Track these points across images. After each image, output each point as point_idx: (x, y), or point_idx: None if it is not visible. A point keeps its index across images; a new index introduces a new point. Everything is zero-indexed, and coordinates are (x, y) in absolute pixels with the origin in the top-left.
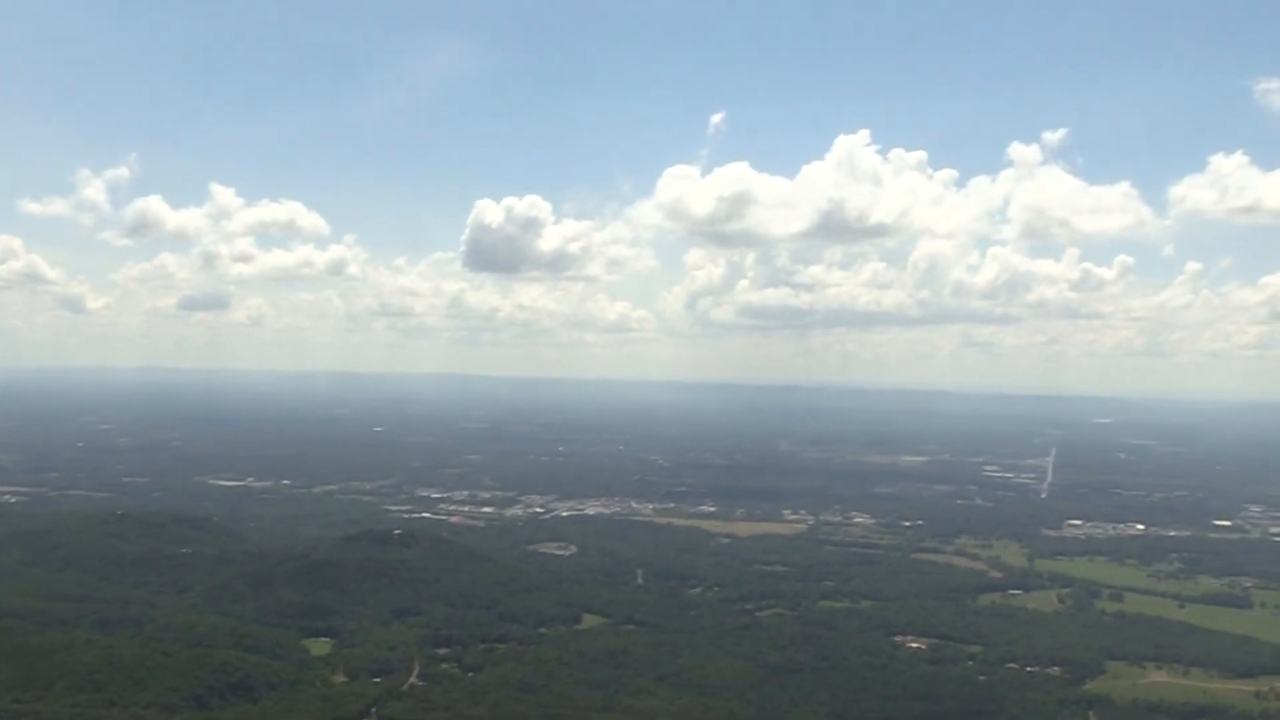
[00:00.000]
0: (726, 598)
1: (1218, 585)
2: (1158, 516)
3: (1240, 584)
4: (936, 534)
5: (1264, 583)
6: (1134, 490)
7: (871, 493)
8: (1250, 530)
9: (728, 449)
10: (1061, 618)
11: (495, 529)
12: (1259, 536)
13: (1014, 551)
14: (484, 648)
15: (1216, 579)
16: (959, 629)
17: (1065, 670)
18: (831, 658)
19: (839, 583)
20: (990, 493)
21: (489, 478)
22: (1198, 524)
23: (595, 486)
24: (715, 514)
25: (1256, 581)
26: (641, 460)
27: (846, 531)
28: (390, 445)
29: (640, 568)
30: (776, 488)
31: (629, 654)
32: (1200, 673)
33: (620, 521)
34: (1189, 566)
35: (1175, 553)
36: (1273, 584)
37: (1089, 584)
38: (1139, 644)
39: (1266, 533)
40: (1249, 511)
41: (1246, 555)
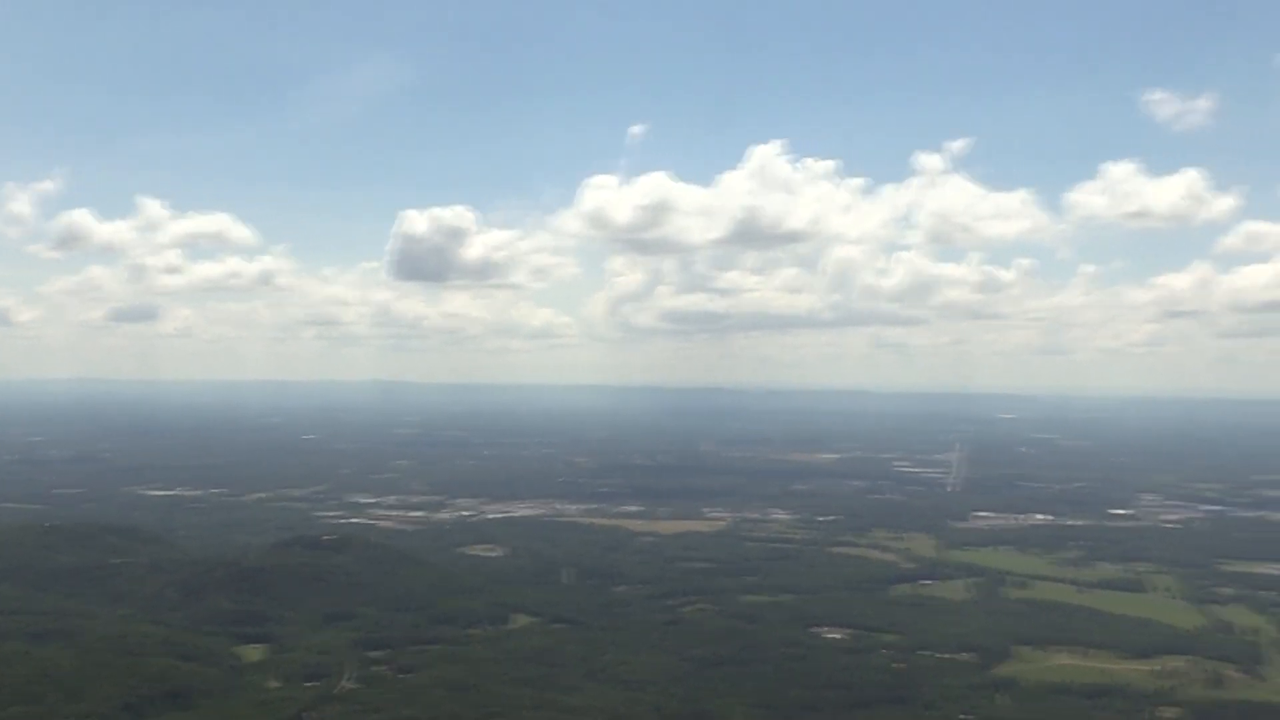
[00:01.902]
0: (651, 594)
1: (1116, 571)
2: (1059, 507)
3: (1136, 569)
4: (852, 528)
5: (1158, 567)
6: (1037, 482)
7: (789, 490)
8: (1144, 518)
9: (650, 450)
10: (971, 605)
11: (425, 532)
12: (1153, 524)
13: (925, 543)
14: (416, 649)
15: (1114, 565)
16: (874, 619)
17: (975, 655)
18: (754, 650)
19: (760, 577)
20: (902, 487)
21: (419, 482)
22: (1096, 513)
23: (523, 489)
24: (639, 513)
25: (1151, 566)
26: (567, 463)
27: (766, 527)
28: (321, 452)
29: (567, 567)
30: (698, 487)
31: (558, 652)
32: (1101, 654)
33: (547, 523)
34: (1089, 554)
35: (1076, 541)
36: (1166, 568)
37: (996, 572)
38: (1044, 628)
39: (1160, 520)
40: (1143, 500)
41: (1141, 542)
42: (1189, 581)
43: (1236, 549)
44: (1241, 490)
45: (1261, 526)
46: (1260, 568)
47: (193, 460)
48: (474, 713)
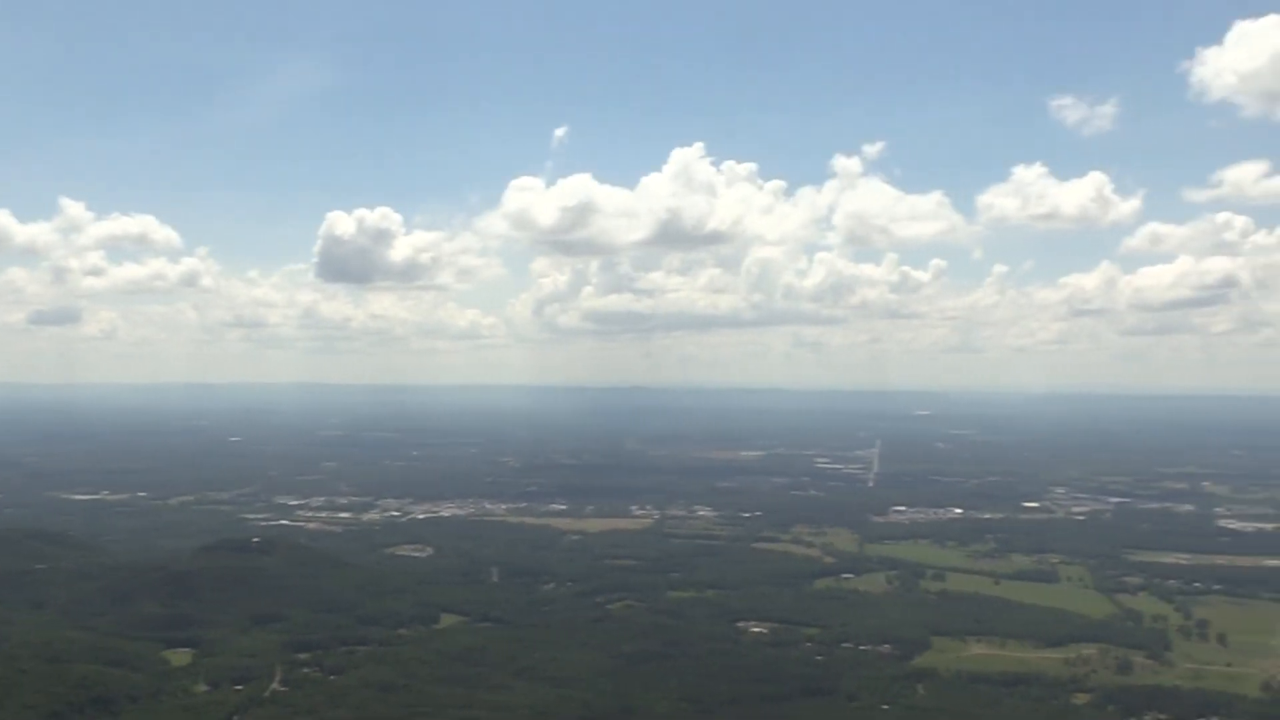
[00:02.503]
0: (579, 592)
1: (1028, 562)
2: (974, 501)
3: (1048, 560)
4: (774, 524)
5: (1068, 558)
6: (952, 477)
7: (713, 487)
8: (1055, 510)
9: (576, 449)
10: (890, 598)
11: (353, 534)
12: (1063, 516)
13: (845, 538)
14: (344, 651)
15: (1027, 556)
16: (797, 612)
17: (895, 647)
18: (680, 645)
19: (685, 573)
20: (823, 483)
21: (346, 484)
22: (1009, 506)
23: (450, 489)
24: (566, 512)
25: (1062, 557)
26: (494, 462)
27: (691, 524)
28: (247, 455)
29: (495, 566)
30: (624, 485)
31: (486, 650)
32: (1016, 644)
33: (475, 522)
34: (1002, 546)
35: (990, 534)
36: (1076, 559)
37: (914, 565)
38: (960, 619)
39: (1069, 512)
40: (1054, 493)
41: (1052, 534)
42: (1098, 571)
43: (1142, 539)
44: (1146, 483)
45: (1165, 517)
46: (1165, 557)
47: (117, 464)
48: (403, 713)
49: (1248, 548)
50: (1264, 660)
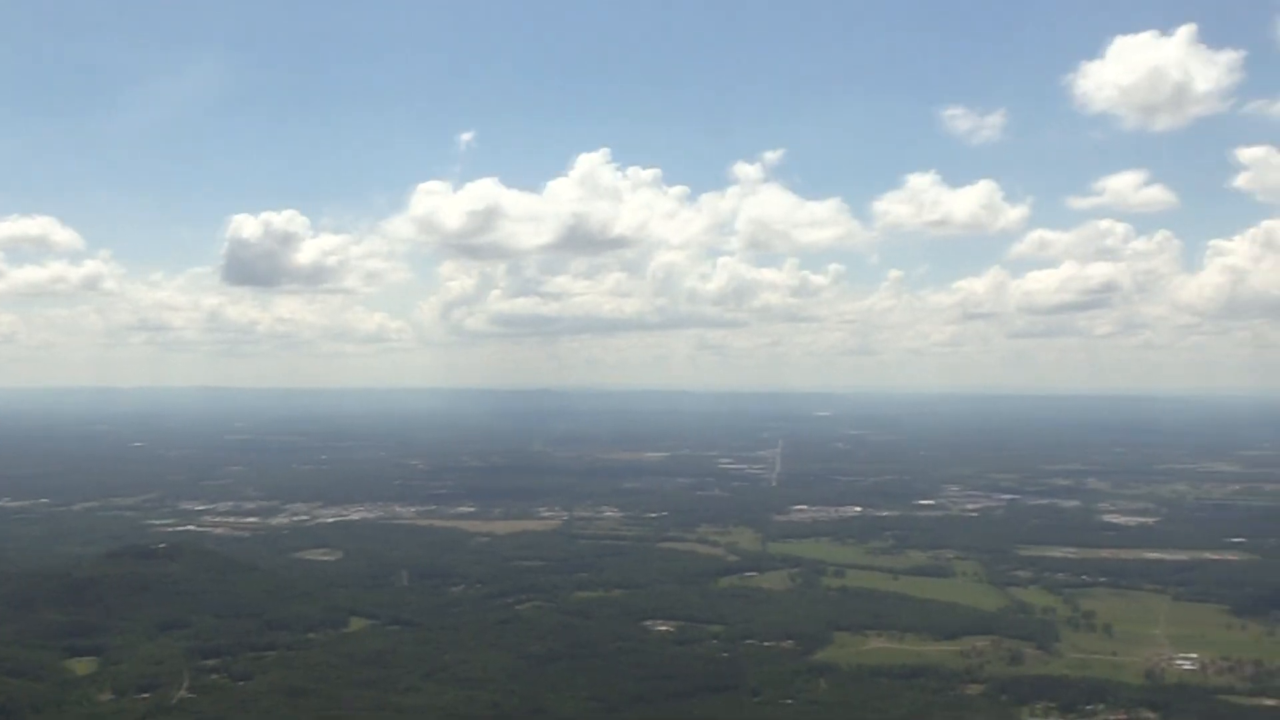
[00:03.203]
0: (487, 593)
1: (924, 558)
2: (872, 499)
3: (943, 556)
4: (679, 523)
5: (962, 554)
6: (851, 476)
7: (619, 488)
8: (949, 508)
9: (484, 451)
10: (792, 595)
11: (260, 538)
12: (956, 513)
13: (749, 536)
14: (252, 656)
15: (923, 552)
16: (702, 610)
17: (797, 642)
18: (588, 645)
19: (592, 573)
20: (726, 483)
21: (252, 488)
22: (905, 504)
23: (358, 492)
24: (474, 514)
25: (956, 553)
26: (402, 465)
27: (598, 525)
28: (151, 459)
29: (404, 569)
30: (531, 487)
31: (396, 653)
32: (913, 637)
33: (383, 525)
34: (899, 542)
35: (888, 531)
36: (969, 554)
37: (815, 563)
38: (860, 614)
39: (962, 509)
40: (947, 491)
41: (946, 530)
42: (989, 566)
43: (1031, 534)
44: (1034, 480)
45: (1052, 513)
46: (1053, 551)
47: (16, 469)
48: (312, 717)
49: (1130, 541)
50: (1146, 649)
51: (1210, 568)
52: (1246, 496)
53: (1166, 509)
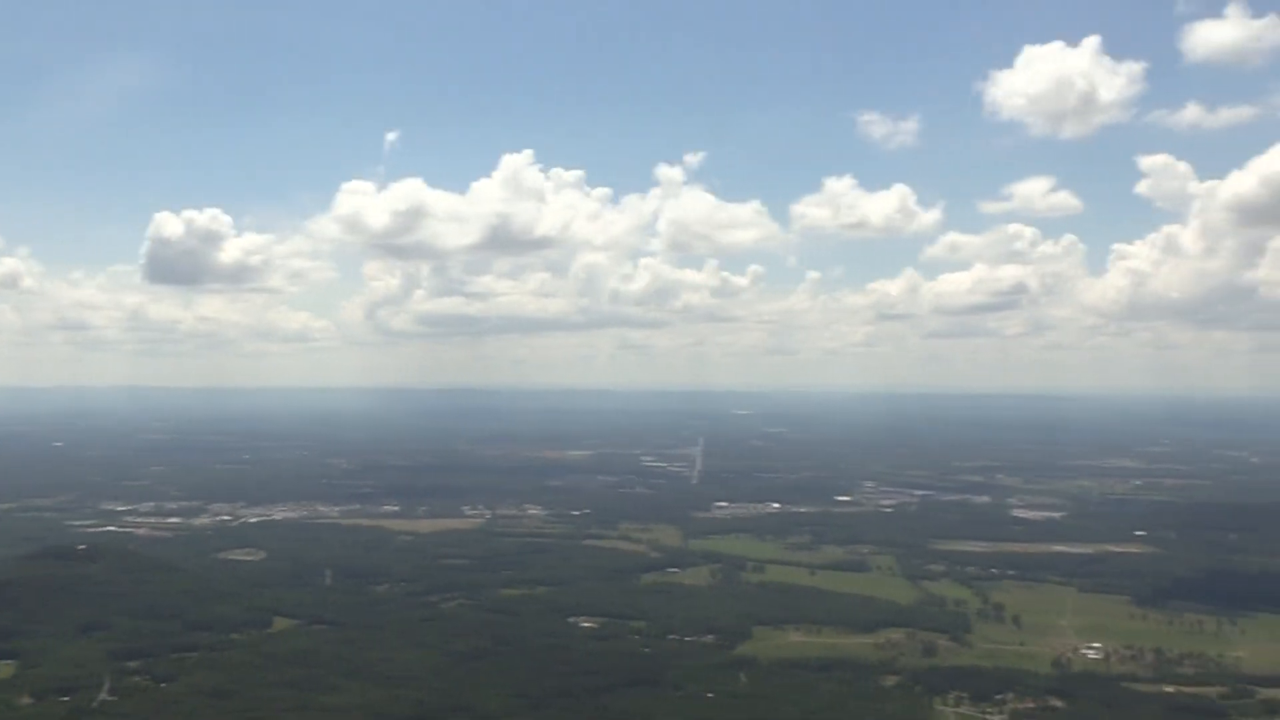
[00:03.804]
0: (412, 592)
1: (841, 553)
2: (790, 495)
3: (859, 550)
4: (602, 521)
5: (878, 548)
6: (770, 473)
7: (543, 486)
8: (865, 503)
9: (408, 450)
10: (713, 590)
11: (183, 539)
12: (872, 509)
13: (670, 533)
14: (175, 657)
15: (840, 547)
16: (625, 607)
17: (718, 637)
18: (512, 642)
19: (516, 571)
20: (648, 481)
21: (175, 488)
22: (823, 500)
23: (281, 492)
24: (398, 513)
25: (872, 548)
26: (326, 464)
27: (522, 523)
28: (71, 460)
29: (328, 568)
30: (455, 485)
31: (319, 653)
32: (831, 630)
33: (307, 525)
34: (817, 538)
35: (806, 527)
36: (885, 549)
37: (735, 559)
38: (779, 609)
39: (878, 505)
40: (863, 487)
41: (863, 525)
42: (904, 560)
43: (944, 529)
44: (946, 476)
45: (964, 508)
46: (964, 545)
47: None
48: (235, 718)
49: (1038, 535)
50: (1054, 639)
51: (1113, 560)
52: (1147, 492)
53: (1072, 504)
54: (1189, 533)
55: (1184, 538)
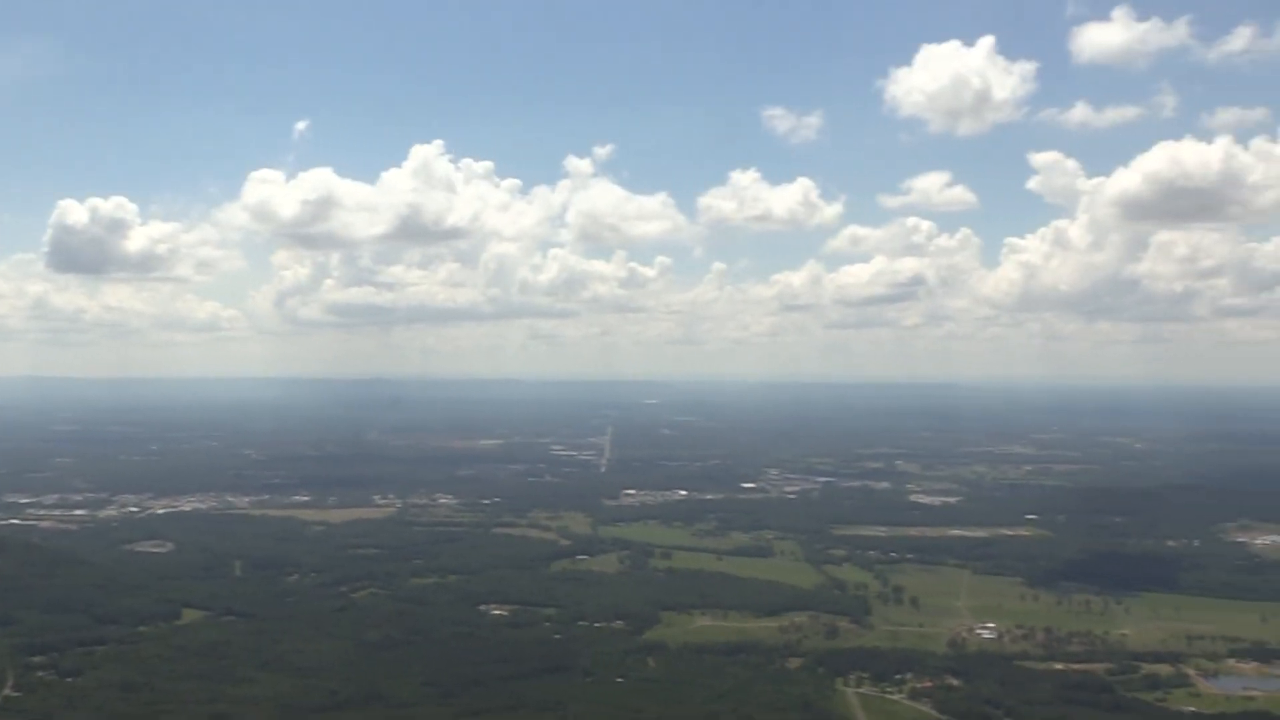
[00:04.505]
0: (323, 582)
1: (746, 539)
2: (697, 483)
3: (764, 536)
4: (513, 509)
5: (782, 534)
6: (677, 461)
7: (454, 475)
8: (770, 490)
9: (319, 440)
10: (622, 577)
11: (89, 531)
12: (777, 495)
13: (580, 521)
14: (82, 651)
15: (745, 533)
16: (536, 594)
17: (627, 623)
18: (424, 631)
19: (427, 560)
20: (558, 469)
21: (81, 480)
22: (729, 487)
23: (190, 483)
24: (309, 503)
25: (776, 533)
26: (236, 455)
27: (433, 512)
28: None
29: (238, 559)
30: (366, 475)
31: (230, 644)
32: (737, 615)
33: (217, 516)
34: (723, 524)
35: (712, 513)
36: (788, 535)
37: (644, 545)
38: (686, 594)
39: (782, 492)
40: (768, 474)
41: (767, 512)
42: (807, 545)
43: (845, 515)
44: (848, 463)
45: (865, 494)
46: (865, 530)
47: None
48: (144, 711)
49: (935, 519)
50: (950, 620)
51: (1007, 543)
52: (1039, 477)
53: (968, 489)
54: (1077, 516)
55: (1073, 521)
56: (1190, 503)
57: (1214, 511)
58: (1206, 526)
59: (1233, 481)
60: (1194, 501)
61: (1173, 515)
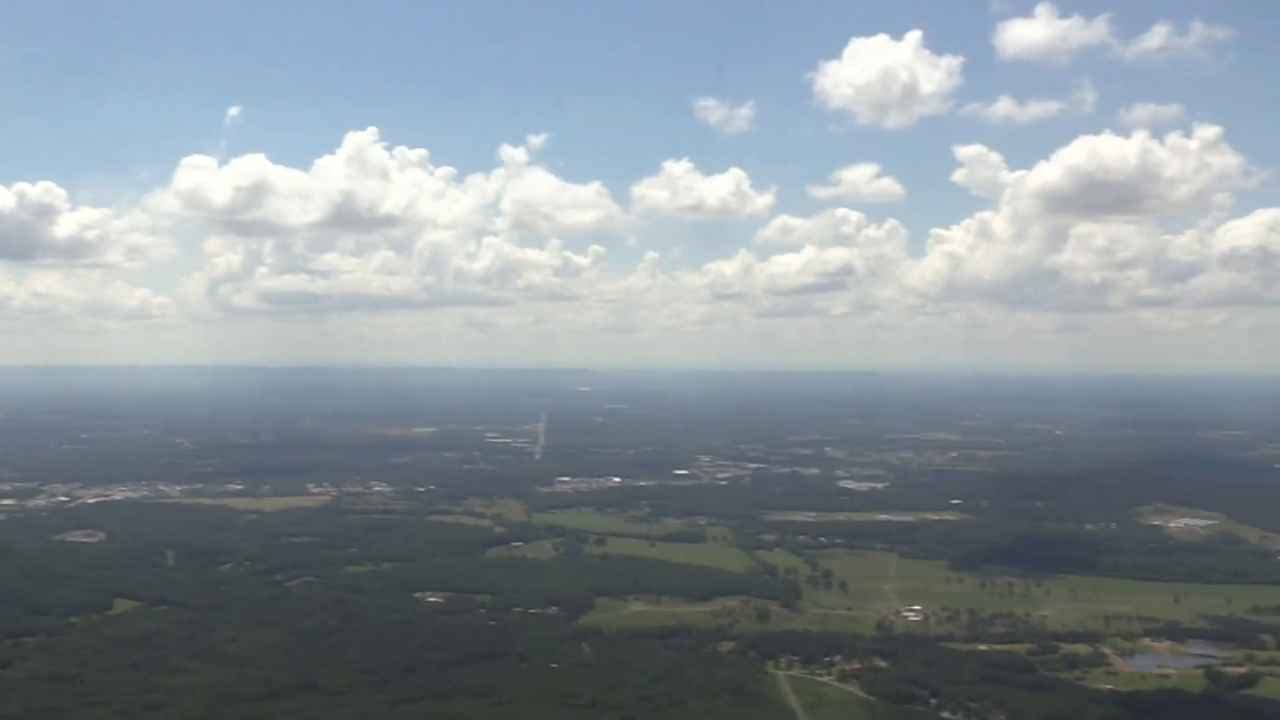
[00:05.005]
0: (257, 571)
1: (679, 525)
2: (631, 469)
3: (696, 522)
4: (448, 497)
5: (714, 520)
6: (611, 448)
7: (389, 463)
8: (702, 477)
9: (252, 429)
10: (557, 563)
11: (18, 521)
12: (709, 482)
13: (515, 508)
14: (11, 643)
15: (678, 519)
16: (471, 581)
17: (562, 609)
18: (359, 619)
19: (362, 548)
20: (492, 457)
21: (8, 469)
22: (662, 474)
23: (122, 472)
24: (243, 492)
25: (708, 519)
26: (168, 444)
27: (367, 500)
28: None
29: (171, 549)
30: (301, 463)
31: (163, 634)
32: (670, 600)
33: (149, 505)
34: (656, 511)
35: (645, 500)
36: (720, 520)
37: (578, 532)
38: (620, 580)
39: (714, 478)
40: (700, 461)
41: (699, 498)
42: (739, 531)
43: (776, 501)
44: (778, 450)
45: (795, 480)
46: (796, 516)
47: None
48: (75, 702)
49: (863, 505)
50: (878, 603)
51: (932, 528)
52: (963, 463)
53: (895, 475)
54: (1000, 501)
55: (996, 506)
56: (1107, 487)
57: (1130, 496)
58: (1123, 510)
59: (1148, 466)
60: (1111, 486)
61: (1091, 500)
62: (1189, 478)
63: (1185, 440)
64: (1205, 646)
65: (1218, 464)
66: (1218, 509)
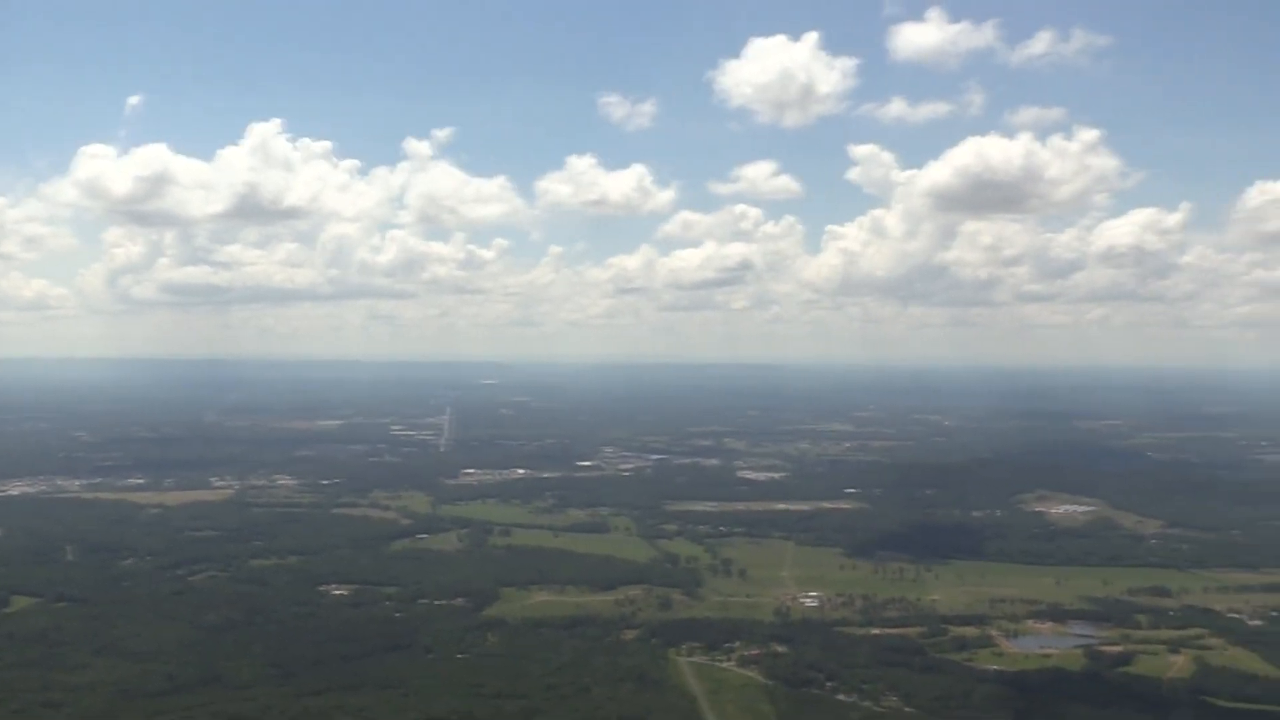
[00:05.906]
0: (160, 565)
1: (583, 515)
2: (535, 461)
3: (600, 513)
4: (353, 489)
5: (617, 510)
6: (516, 440)
7: (293, 456)
8: (605, 468)
9: (154, 422)
10: (462, 555)
11: None
12: (612, 473)
13: (420, 500)
14: None
15: (582, 510)
16: (376, 573)
17: (467, 600)
18: (264, 612)
19: (267, 541)
20: (398, 449)
21: None
22: (566, 465)
23: (18, 466)
24: (144, 486)
25: (612, 510)
26: (66, 437)
27: (272, 493)
28: None
29: (70, 544)
30: (204, 457)
31: (63, 630)
32: (574, 589)
33: (46, 500)
34: (561, 502)
35: (550, 491)
36: (623, 511)
37: (483, 523)
38: (525, 570)
39: (617, 469)
40: (604, 453)
41: (603, 489)
42: (641, 521)
43: (678, 491)
44: (680, 441)
45: (696, 471)
46: (697, 506)
47: None
48: None
49: (762, 494)
50: (776, 590)
51: (828, 516)
52: (857, 453)
53: (792, 465)
54: (893, 490)
55: (889, 494)
56: (994, 476)
57: (1015, 484)
58: (1008, 498)
59: (1032, 456)
60: (997, 475)
61: (978, 488)
62: (1070, 466)
63: (1066, 430)
64: (1085, 627)
65: (1097, 453)
66: (1096, 496)
